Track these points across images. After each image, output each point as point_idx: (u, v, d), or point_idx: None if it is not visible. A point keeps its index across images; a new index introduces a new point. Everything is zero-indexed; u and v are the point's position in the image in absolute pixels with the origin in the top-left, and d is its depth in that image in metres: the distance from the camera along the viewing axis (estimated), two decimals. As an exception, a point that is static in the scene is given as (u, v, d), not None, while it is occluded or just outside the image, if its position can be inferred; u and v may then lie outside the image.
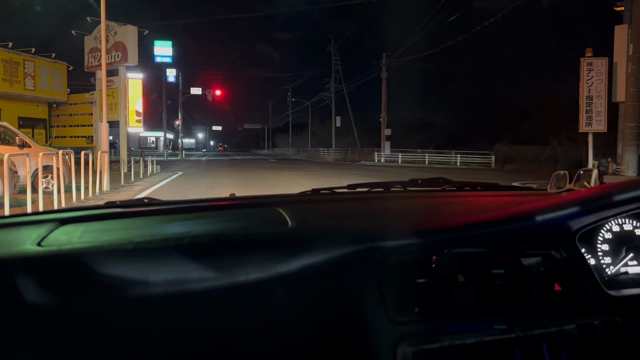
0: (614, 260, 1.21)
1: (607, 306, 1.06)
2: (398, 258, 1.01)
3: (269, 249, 0.97)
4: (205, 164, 30.63)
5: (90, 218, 1.20)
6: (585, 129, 12.23)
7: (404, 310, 0.96)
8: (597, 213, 1.10)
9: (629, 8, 13.54)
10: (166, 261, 0.91)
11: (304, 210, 1.32)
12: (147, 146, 60.44)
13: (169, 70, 45.43)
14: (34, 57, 20.57)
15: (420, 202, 1.53)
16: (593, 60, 12.03)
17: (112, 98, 19.51)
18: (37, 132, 22.07)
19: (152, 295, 0.86)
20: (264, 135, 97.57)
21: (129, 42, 19.82)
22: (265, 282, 0.91)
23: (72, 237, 1.01)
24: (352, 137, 46.42)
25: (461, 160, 31.38)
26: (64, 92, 22.45)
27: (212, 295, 0.88)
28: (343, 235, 1.03)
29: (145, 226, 1.15)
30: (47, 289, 0.84)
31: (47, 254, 0.91)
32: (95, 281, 0.86)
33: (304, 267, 0.94)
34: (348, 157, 41.95)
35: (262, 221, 1.18)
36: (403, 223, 1.15)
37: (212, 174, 19.64)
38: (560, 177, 1.57)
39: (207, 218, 1.25)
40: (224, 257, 0.94)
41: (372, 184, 1.72)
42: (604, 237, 1.23)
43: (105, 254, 0.91)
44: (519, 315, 1.00)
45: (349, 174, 20.14)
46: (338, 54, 47.86)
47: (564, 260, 1.09)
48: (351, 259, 0.97)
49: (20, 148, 10.20)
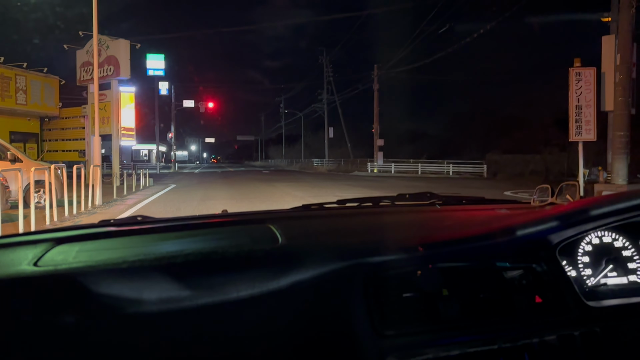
0: (594, 272, 1.25)
1: (587, 317, 1.09)
2: (385, 273, 1.04)
3: (260, 266, 1.00)
4: (198, 176, 30.57)
5: (85, 237, 1.22)
6: (575, 138, 12.35)
7: (390, 324, 0.98)
8: (577, 227, 1.14)
9: (616, 19, 13.75)
10: (160, 280, 0.93)
11: (294, 226, 1.35)
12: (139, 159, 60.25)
13: (161, 83, 45.45)
14: (25, 71, 20.58)
15: (407, 217, 1.56)
16: (581, 70, 12.18)
17: (104, 112, 19.50)
18: (29, 146, 22.00)
19: (147, 313, 0.88)
20: (257, 146, 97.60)
21: (121, 56, 19.85)
22: (256, 299, 0.94)
23: (68, 256, 1.03)
24: (345, 148, 46.51)
25: (453, 170, 31.52)
26: (55, 106, 22.44)
27: (205, 312, 0.90)
28: (332, 251, 1.06)
29: (139, 245, 1.18)
30: (44, 308, 0.86)
31: (44, 273, 0.93)
32: (91, 300, 0.89)
33: (294, 284, 0.97)
34: (341, 168, 42.01)
35: (253, 239, 1.21)
36: (390, 239, 1.18)
37: (205, 186, 19.60)
38: (543, 191, 1.61)
39: (199, 236, 1.28)
40: (216, 275, 0.97)
41: (361, 199, 1.76)
42: (584, 250, 1.26)
43: (101, 273, 0.93)
44: (501, 327, 1.03)
45: (342, 185, 20.18)
46: (330, 65, 48.12)
47: (544, 273, 1.12)
48: (340, 275, 1.00)
49: (12, 163, 10.16)
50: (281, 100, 70.25)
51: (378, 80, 36.90)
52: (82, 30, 20.01)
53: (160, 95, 45.20)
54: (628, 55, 12.83)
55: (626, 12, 12.81)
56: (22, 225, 6.85)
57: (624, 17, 12.87)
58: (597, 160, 17.25)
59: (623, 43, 12.84)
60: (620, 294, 1.21)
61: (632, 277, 1.27)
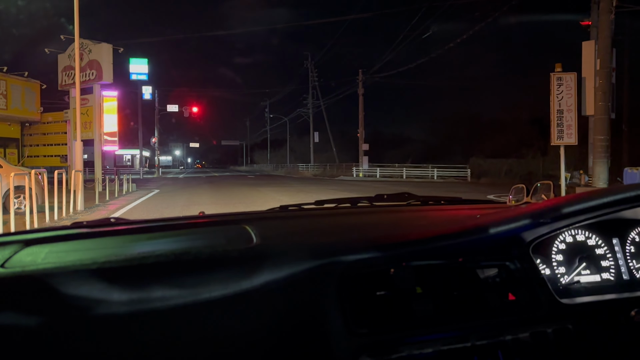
0: (567, 270, 1.26)
1: (560, 314, 1.10)
2: (359, 271, 1.04)
3: (234, 266, 0.99)
4: (183, 181, 30.37)
5: (56, 239, 1.20)
6: (557, 142, 12.50)
7: (364, 323, 0.98)
8: (550, 224, 1.14)
9: (596, 24, 13.99)
10: (130, 280, 0.92)
11: (270, 226, 1.34)
12: (122, 164, 59.68)
13: (144, 87, 45.12)
14: (5, 75, 20.30)
15: (383, 217, 1.56)
16: (562, 75, 12.35)
17: (86, 116, 19.29)
18: (9, 151, 21.68)
19: (116, 314, 0.87)
20: (242, 151, 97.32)
21: (103, 60, 19.68)
22: (229, 299, 0.93)
23: (37, 258, 1.01)
24: (330, 152, 46.63)
25: (438, 174, 31.74)
26: (37, 110, 22.16)
27: (176, 313, 0.89)
28: (306, 250, 1.05)
29: (110, 246, 1.16)
30: (11, 310, 0.84)
31: (11, 275, 0.91)
32: (59, 301, 0.87)
33: (267, 283, 0.96)
34: (327, 172, 42.06)
35: (228, 239, 1.19)
36: (364, 238, 1.18)
37: (189, 191, 19.47)
38: (519, 190, 1.63)
39: (173, 237, 1.26)
40: (188, 276, 0.95)
41: (339, 200, 1.76)
42: (558, 248, 1.27)
43: (69, 274, 0.91)
44: (475, 325, 1.04)
45: (327, 189, 20.19)
46: (315, 70, 48.31)
47: (518, 270, 1.13)
48: (313, 273, 1.00)
49: (-9, 168, 9.99)
50: (266, 105, 70.31)
51: (363, 85, 37.08)
52: (63, 34, 19.81)
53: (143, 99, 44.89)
54: (607, 60, 13.07)
55: (605, 17, 13.06)
56: (1, 232, 6.73)
57: (603, 22, 13.11)
58: (579, 164, 17.49)
59: (602, 48, 13.08)
60: (593, 291, 1.22)
61: (604, 274, 1.28)
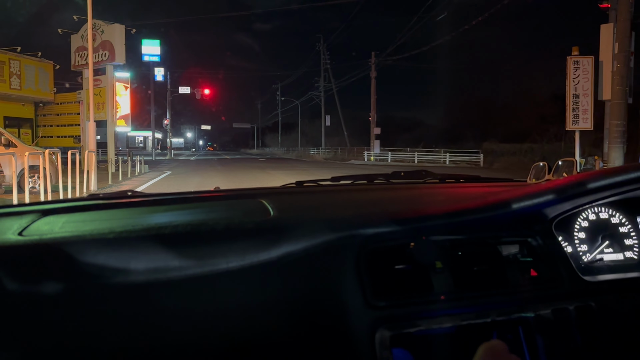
0: (590, 248, 1.23)
1: (582, 291, 1.08)
2: (377, 245, 1.02)
3: (251, 238, 0.98)
4: (194, 163, 30.50)
5: (73, 209, 1.20)
6: (572, 127, 12.34)
7: (382, 296, 0.97)
8: (573, 200, 1.12)
9: (615, 7, 13.68)
10: (147, 250, 0.92)
11: (287, 201, 1.33)
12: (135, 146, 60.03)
13: (157, 69, 45.24)
14: (19, 56, 20.37)
15: (401, 193, 1.54)
16: (579, 59, 12.14)
17: (99, 97, 19.36)
18: (23, 131, 21.87)
19: (134, 283, 0.87)
20: (254, 134, 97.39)
21: (116, 41, 19.68)
22: (247, 270, 0.92)
23: (54, 227, 1.01)
24: (341, 136, 46.48)
25: (450, 159, 31.54)
26: (50, 91, 22.26)
27: (193, 283, 0.89)
28: (323, 223, 1.04)
29: (127, 217, 1.16)
30: (28, 277, 0.84)
31: (28, 243, 0.91)
32: (77, 270, 0.87)
33: (285, 255, 0.95)
34: (338, 156, 41.98)
35: (244, 211, 1.19)
36: (383, 212, 1.17)
37: (200, 173, 19.56)
38: (540, 169, 1.59)
39: (190, 209, 1.26)
40: (205, 246, 0.95)
41: (355, 177, 1.74)
42: (580, 225, 1.25)
43: (87, 243, 0.91)
44: (496, 301, 1.02)
45: (338, 173, 20.04)
46: (327, 52, 47.90)
47: (540, 247, 1.11)
48: (331, 246, 0.99)
49: (6, 148, 10.09)
50: (278, 88, 70.05)
51: (376, 69, 36.77)
52: (76, 14, 19.80)
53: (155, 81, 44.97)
54: (626, 43, 12.79)
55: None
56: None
57: (622, 5, 12.81)
58: (594, 150, 17.28)
59: (621, 31, 12.79)
60: (616, 269, 1.20)
61: (628, 253, 1.26)
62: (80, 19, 19.76)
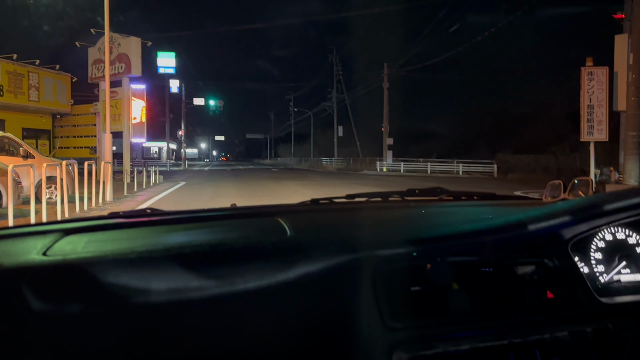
0: (607, 268, 1.22)
1: (599, 313, 1.07)
2: (393, 266, 1.03)
3: (268, 257, 0.99)
4: (208, 174, 30.66)
5: (94, 228, 1.23)
6: (587, 138, 12.23)
7: (399, 318, 0.97)
8: (589, 222, 1.12)
9: (629, 18, 13.58)
10: (168, 270, 0.93)
11: (303, 219, 1.34)
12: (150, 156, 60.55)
13: (172, 81, 45.62)
14: (38, 68, 20.72)
15: (416, 212, 1.55)
16: (593, 70, 12.06)
17: (115, 109, 19.59)
18: (41, 142, 22.17)
19: (154, 303, 0.88)
20: (267, 145, 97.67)
21: (132, 54, 19.93)
22: (264, 290, 0.93)
23: (77, 246, 1.04)
24: (354, 147, 46.39)
25: (463, 170, 31.33)
26: (67, 103, 22.58)
27: (212, 303, 0.90)
28: (340, 244, 1.05)
29: (147, 236, 1.18)
30: (52, 297, 0.86)
31: (53, 263, 0.93)
32: (99, 290, 0.89)
33: (302, 276, 0.96)
34: (350, 167, 41.92)
35: (261, 230, 1.20)
36: (399, 232, 1.18)
37: (214, 184, 19.66)
38: (555, 187, 1.59)
39: (208, 228, 1.27)
40: (224, 266, 0.96)
41: (370, 194, 1.74)
42: (597, 246, 1.24)
43: (109, 263, 0.93)
44: (512, 322, 1.02)
45: (351, 183, 20.15)
46: (340, 64, 48.08)
47: (556, 268, 1.11)
48: (348, 267, 0.99)
49: (24, 159, 10.26)
50: (291, 99, 70.27)
51: (388, 79, 36.78)
52: (94, 28, 20.13)
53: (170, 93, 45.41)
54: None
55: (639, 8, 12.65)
56: (33, 220, 6.91)
57: (637, 15, 12.71)
58: (609, 161, 17.07)
59: (636, 42, 12.68)
60: (634, 290, 1.19)
61: None
62: (98, 32, 20.08)
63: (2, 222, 6.79)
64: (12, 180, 7.07)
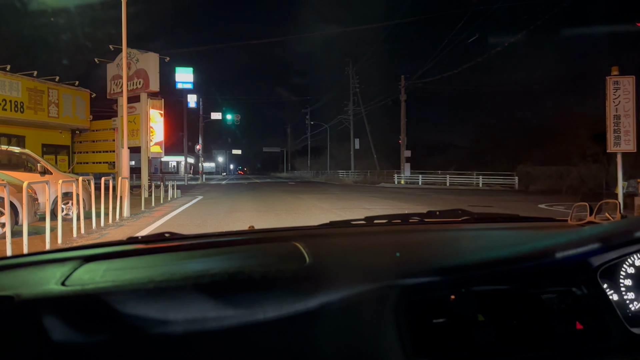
0: (637, 296, 1.16)
1: (631, 345, 1.02)
2: (416, 296, 1.00)
3: (287, 286, 0.98)
4: (225, 187, 30.80)
5: (113, 255, 1.23)
6: (614, 149, 11.87)
7: (423, 350, 0.93)
8: (619, 249, 1.08)
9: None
10: (186, 300, 0.93)
11: (321, 245, 1.33)
12: (168, 170, 61.22)
13: (189, 95, 46.24)
14: (57, 85, 21.06)
15: (438, 237, 1.50)
16: (619, 79, 11.74)
17: (133, 124, 19.80)
18: (60, 158, 22.49)
19: (172, 334, 0.88)
20: (283, 158, 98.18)
21: (150, 69, 20.19)
22: (284, 320, 0.91)
23: (95, 275, 1.04)
24: (371, 159, 46.39)
25: (483, 182, 30.98)
26: (86, 118, 22.89)
27: (231, 334, 0.89)
28: (361, 272, 1.03)
29: (165, 264, 1.16)
30: (70, 328, 0.86)
31: (71, 293, 0.93)
32: (118, 320, 0.89)
33: (322, 305, 0.93)
34: (367, 179, 41.81)
35: (280, 258, 1.19)
36: (421, 260, 1.15)
37: (231, 197, 19.68)
38: (582, 209, 1.54)
39: (226, 254, 1.27)
40: (242, 296, 0.95)
41: (390, 216, 1.72)
42: (626, 272, 1.18)
43: (127, 293, 0.93)
44: (541, 355, 0.98)
45: (369, 197, 19.97)
46: (356, 76, 48.20)
47: (585, 297, 1.06)
48: (369, 297, 0.97)
49: (42, 175, 10.32)
50: (307, 112, 70.65)
51: (405, 91, 36.68)
52: (112, 44, 20.39)
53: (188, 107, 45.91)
54: (668, 62, 12.31)
55: (665, 18, 12.32)
56: (48, 238, 6.86)
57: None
58: (635, 173, 16.62)
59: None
60: None
61: None
62: (116, 48, 20.33)
63: (17, 240, 6.73)
64: (28, 197, 7.03)
